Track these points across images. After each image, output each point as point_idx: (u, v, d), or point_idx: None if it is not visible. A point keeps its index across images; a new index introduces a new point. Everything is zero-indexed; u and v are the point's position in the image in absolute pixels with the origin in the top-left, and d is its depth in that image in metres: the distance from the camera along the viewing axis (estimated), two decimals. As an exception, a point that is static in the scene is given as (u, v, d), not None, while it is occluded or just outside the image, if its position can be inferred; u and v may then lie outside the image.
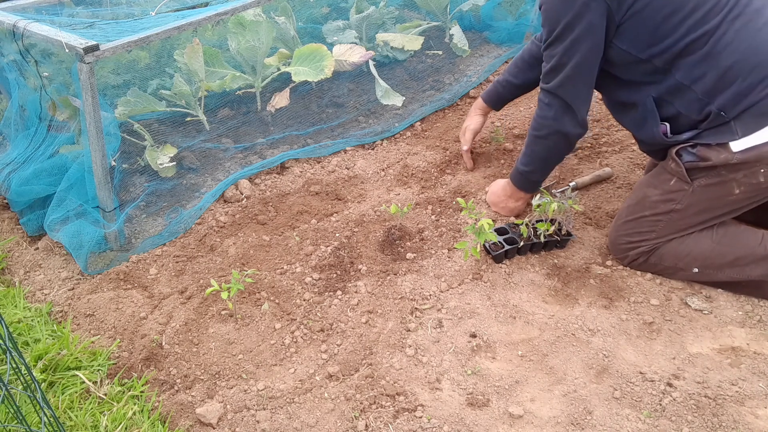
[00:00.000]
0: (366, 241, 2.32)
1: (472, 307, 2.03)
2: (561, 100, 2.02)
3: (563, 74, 1.98)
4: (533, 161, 2.22)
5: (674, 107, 1.92)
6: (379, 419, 1.70)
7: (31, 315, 2.06)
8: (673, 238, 2.04)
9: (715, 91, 1.83)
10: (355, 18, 3.32)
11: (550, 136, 2.10)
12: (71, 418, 1.72)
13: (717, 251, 2.00)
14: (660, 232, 2.05)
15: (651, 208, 2.04)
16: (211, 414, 1.72)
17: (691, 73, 1.85)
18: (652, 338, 1.92)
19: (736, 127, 1.83)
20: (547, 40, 2.00)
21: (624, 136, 2.82)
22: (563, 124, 2.06)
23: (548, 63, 2.02)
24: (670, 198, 2.00)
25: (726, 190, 1.91)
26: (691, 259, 2.03)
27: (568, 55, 1.94)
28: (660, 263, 2.09)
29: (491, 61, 3.50)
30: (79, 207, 2.29)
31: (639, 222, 2.08)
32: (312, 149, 2.84)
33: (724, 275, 2.02)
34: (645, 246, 2.08)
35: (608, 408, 1.71)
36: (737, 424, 1.66)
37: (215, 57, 2.89)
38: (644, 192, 2.08)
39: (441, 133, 2.99)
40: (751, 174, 1.86)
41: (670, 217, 2.02)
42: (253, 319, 2.02)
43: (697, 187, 1.94)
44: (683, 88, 1.88)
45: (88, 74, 2.00)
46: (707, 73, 1.83)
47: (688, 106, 1.89)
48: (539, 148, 2.17)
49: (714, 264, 2.01)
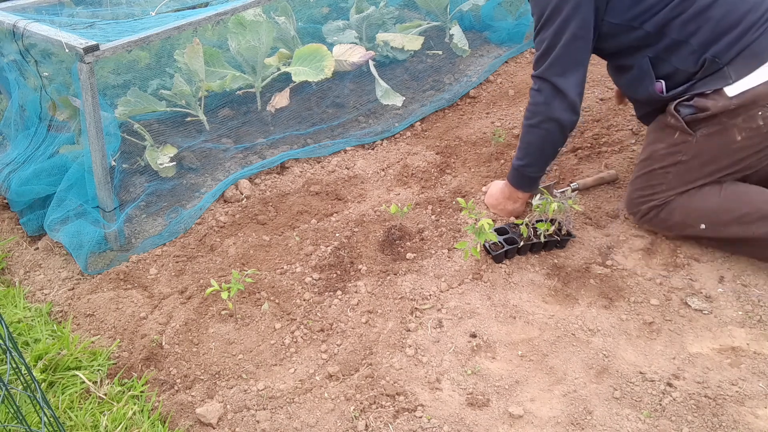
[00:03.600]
0: (366, 241, 2.32)
1: (472, 307, 2.03)
2: (551, 84, 2.04)
3: (553, 56, 2.01)
4: (527, 153, 2.20)
5: (671, 63, 2.00)
6: (379, 419, 1.70)
7: (31, 315, 2.06)
8: (683, 192, 2.10)
9: (710, 41, 1.91)
10: (355, 18, 3.33)
11: (542, 123, 2.10)
12: (71, 418, 1.72)
13: (724, 207, 2.04)
14: (669, 184, 2.10)
15: (659, 161, 2.11)
16: (211, 414, 1.72)
17: (685, 29, 1.93)
18: (652, 338, 1.92)
19: (729, 71, 1.91)
20: (536, 26, 2.05)
21: (624, 136, 2.82)
22: (553, 109, 2.06)
23: (539, 49, 2.06)
24: (676, 150, 2.06)
25: (728, 137, 1.97)
26: (699, 214, 2.08)
27: (558, 37, 1.98)
28: (670, 218, 2.14)
29: (491, 61, 3.50)
30: (79, 207, 2.29)
31: (649, 175, 2.14)
32: (312, 149, 2.84)
33: (731, 232, 2.06)
34: (656, 200, 2.14)
35: (608, 408, 1.71)
36: (737, 424, 1.66)
37: (215, 57, 2.89)
38: (652, 148, 2.15)
39: (441, 133, 2.99)
40: (749, 118, 1.92)
41: (677, 169, 2.08)
42: (253, 319, 2.02)
43: (700, 137, 2.00)
44: (679, 43, 1.96)
45: (88, 74, 2.00)
46: (701, 26, 1.91)
47: (685, 60, 1.97)
48: (532, 137, 2.16)
49: (721, 220, 2.06)
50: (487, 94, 3.27)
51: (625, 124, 2.89)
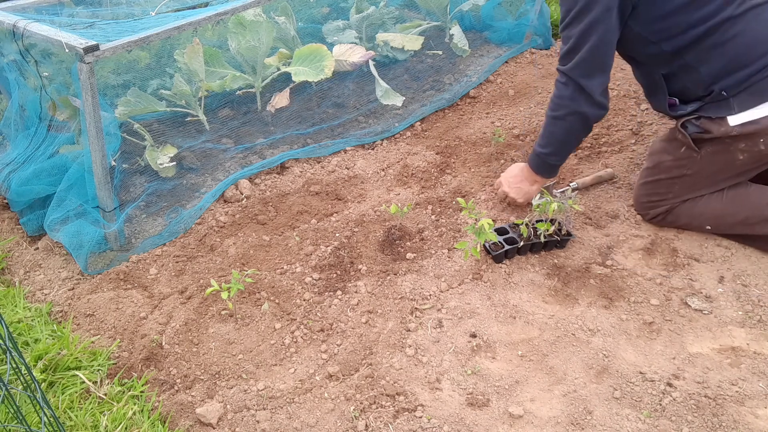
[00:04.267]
0: (366, 241, 2.32)
1: (472, 307, 2.03)
2: (576, 83, 2.08)
3: (579, 56, 2.04)
4: (551, 143, 2.24)
5: (681, 82, 2.09)
6: (379, 419, 1.70)
7: (31, 315, 2.06)
8: (687, 199, 2.22)
9: (720, 75, 1.98)
10: (355, 18, 3.32)
11: (568, 116, 2.15)
12: (71, 418, 1.72)
13: (727, 211, 2.16)
14: (676, 193, 2.22)
15: (666, 172, 2.23)
16: (211, 414, 1.72)
17: (698, 57, 1.99)
18: (652, 338, 1.92)
19: (734, 103, 1.99)
20: (564, 20, 2.08)
21: (624, 136, 2.82)
22: (579, 104, 2.11)
23: (565, 44, 2.09)
24: (682, 164, 2.18)
25: (731, 157, 2.08)
26: (703, 218, 2.21)
27: (585, 37, 2.01)
28: (676, 221, 2.27)
29: (491, 61, 3.50)
30: (79, 207, 2.29)
31: (657, 184, 2.26)
32: (312, 149, 2.84)
33: (736, 231, 2.19)
34: (663, 206, 2.26)
35: (608, 408, 1.71)
36: (737, 424, 1.66)
37: (215, 57, 2.89)
38: (659, 157, 2.25)
39: (441, 133, 2.99)
40: (752, 144, 2.02)
41: (683, 181, 2.20)
42: (253, 319, 2.02)
43: (705, 154, 2.11)
44: (691, 68, 2.02)
45: (88, 74, 2.00)
46: (715, 59, 1.97)
47: (695, 83, 2.05)
48: (557, 129, 2.21)
49: (725, 223, 2.19)
50: (487, 94, 3.27)
51: (625, 124, 2.89)
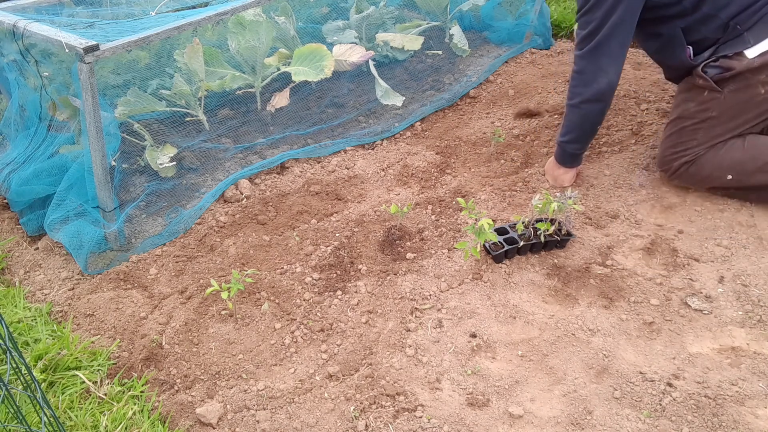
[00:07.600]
0: (366, 241, 2.32)
1: (472, 307, 2.03)
2: (593, 65, 2.19)
3: (600, 36, 2.16)
4: (569, 131, 2.39)
5: (700, 32, 2.21)
6: (379, 419, 1.70)
7: (31, 315, 2.06)
8: (711, 147, 2.29)
9: (737, 13, 2.14)
10: (355, 18, 3.32)
11: (582, 104, 2.29)
12: (71, 418, 1.72)
13: (748, 156, 2.26)
14: (699, 140, 2.30)
15: (690, 118, 2.31)
16: (211, 414, 1.72)
17: (717, 4, 2.15)
18: (652, 338, 1.92)
19: (748, 37, 2.14)
20: (583, 7, 2.19)
21: (624, 136, 2.82)
22: (593, 90, 2.23)
23: (584, 29, 2.21)
24: (706, 107, 2.26)
25: (753, 92, 2.19)
26: (726, 166, 2.29)
27: (607, 17, 2.13)
28: (700, 172, 2.34)
29: (491, 61, 3.50)
30: (79, 207, 2.29)
31: (680, 133, 2.34)
32: (312, 149, 2.84)
33: (755, 180, 2.27)
34: (687, 155, 2.33)
35: (608, 408, 1.71)
36: (737, 424, 1.66)
37: (215, 57, 2.89)
38: (683, 107, 2.34)
39: (441, 133, 2.99)
40: None
41: (707, 124, 2.28)
42: (253, 319, 2.02)
43: (728, 93, 2.21)
44: (711, 16, 2.16)
45: (88, 74, 2.00)
46: (732, 2, 2.13)
47: (713, 29, 2.18)
48: (573, 116, 2.35)
49: (746, 170, 2.27)
50: (487, 94, 3.27)
51: (625, 124, 2.89)
